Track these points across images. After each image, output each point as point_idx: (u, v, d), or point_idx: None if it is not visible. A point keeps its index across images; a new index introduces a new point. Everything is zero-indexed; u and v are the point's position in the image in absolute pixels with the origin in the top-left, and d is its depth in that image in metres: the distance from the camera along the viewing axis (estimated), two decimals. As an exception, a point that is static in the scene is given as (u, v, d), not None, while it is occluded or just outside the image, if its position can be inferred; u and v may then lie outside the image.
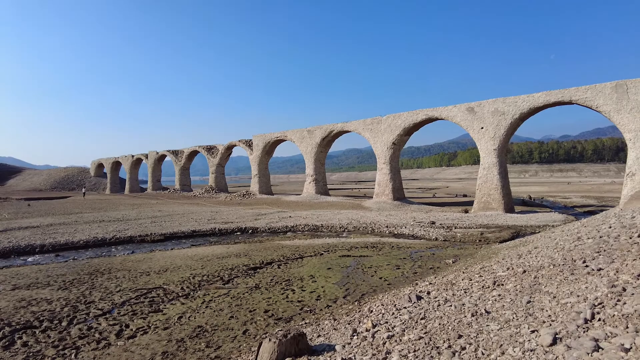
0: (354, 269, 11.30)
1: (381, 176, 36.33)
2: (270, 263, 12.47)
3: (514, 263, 8.34)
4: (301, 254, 13.99)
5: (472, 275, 7.52)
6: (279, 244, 16.42)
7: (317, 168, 42.20)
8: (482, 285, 6.40)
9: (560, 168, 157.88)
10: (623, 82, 24.72)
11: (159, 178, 65.77)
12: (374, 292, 8.66)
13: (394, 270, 11.11)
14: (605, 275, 5.28)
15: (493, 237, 19.17)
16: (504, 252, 11.39)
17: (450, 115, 31.37)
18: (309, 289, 9.19)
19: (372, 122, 36.86)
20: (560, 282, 5.48)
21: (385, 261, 12.46)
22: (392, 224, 22.97)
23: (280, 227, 22.35)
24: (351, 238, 18.53)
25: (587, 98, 25.93)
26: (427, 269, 11.15)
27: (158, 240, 19.61)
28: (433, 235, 19.83)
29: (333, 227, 22.44)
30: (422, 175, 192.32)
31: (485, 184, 29.46)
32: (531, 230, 21.35)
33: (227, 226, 22.61)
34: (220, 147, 52.78)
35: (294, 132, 43.56)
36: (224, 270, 11.41)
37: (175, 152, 60.53)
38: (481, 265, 8.98)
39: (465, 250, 14.75)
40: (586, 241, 10.30)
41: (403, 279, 9.97)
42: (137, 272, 11.37)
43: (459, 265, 10.95)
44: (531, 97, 27.72)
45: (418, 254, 13.91)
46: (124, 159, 69.81)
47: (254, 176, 46.97)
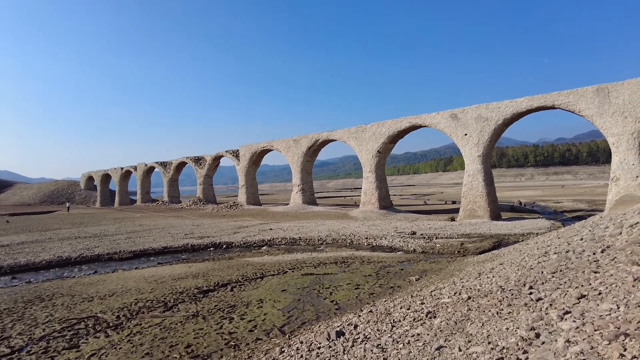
0: (310, 290, 10.64)
1: (367, 185, 35.74)
2: (226, 285, 11.81)
3: (466, 286, 7.71)
4: (264, 272, 13.33)
5: (414, 302, 6.90)
6: (245, 262, 15.75)
7: (304, 177, 41.61)
8: (415, 317, 5.78)
9: (556, 171, 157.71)
10: (604, 86, 24.28)
11: (148, 190, 65.07)
12: (317, 320, 8.01)
13: (352, 290, 10.46)
14: (538, 309, 4.66)
15: (473, 248, 18.55)
16: (469, 268, 10.77)
17: (433, 123, 30.88)
18: (249, 317, 8.53)
19: (356, 131, 36.36)
20: (490, 317, 4.86)
21: (348, 279, 11.81)
22: (372, 235, 22.33)
23: (256, 241, 21.67)
24: (325, 252, 17.88)
25: (569, 102, 25.47)
26: (387, 288, 10.51)
27: (126, 258, 18.92)
28: (411, 247, 19.22)
29: (311, 240, 21.78)
30: (418, 181, 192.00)
31: (470, 191, 28.87)
32: (514, 239, 20.75)
33: (201, 241, 21.93)
34: (208, 158, 52.18)
35: (280, 142, 43.03)
36: (172, 295, 10.75)
37: (164, 164, 59.89)
38: (434, 287, 8.35)
39: (437, 264, 14.11)
40: (551, 257, 9.70)
41: (356, 301, 9.32)
42: (81, 298, 10.70)
43: (420, 283, 10.32)
44: (514, 103, 27.26)
45: (386, 270, 13.26)
46: (114, 172, 69.15)
47: (241, 187, 46.33)
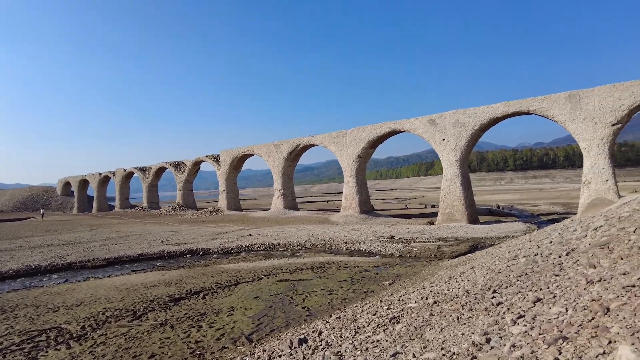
0: (283, 297, 10.55)
1: (348, 189, 35.82)
2: (199, 292, 11.62)
3: (434, 290, 7.75)
4: (238, 279, 13.17)
5: (382, 307, 6.90)
6: (221, 268, 15.55)
7: (285, 182, 41.47)
8: (379, 323, 5.77)
9: (534, 175, 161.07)
10: (575, 93, 24.95)
11: (127, 196, 63.84)
12: (286, 327, 7.94)
13: (325, 296, 10.41)
14: (496, 314, 4.70)
15: (449, 251, 18.73)
16: (441, 272, 10.85)
17: (412, 128, 31.20)
18: (218, 325, 8.39)
19: (337, 136, 36.46)
20: (449, 322, 4.88)
21: (323, 285, 11.77)
22: (351, 240, 22.35)
23: (234, 248, 21.43)
24: (302, 258, 17.79)
25: (543, 108, 26.07)
26: (360, 293, 10.50)
27: (100, 266, 18.46)
28: (389, 251, 19.29)
29: (290, 246, 21.67)
30: (400, 185, 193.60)
31: (448, 196, 29.22)
32: (490, 242, 21.03)
33: (178, 248, 21.58)
34: (188, 163, 51.55)
35: (261, 147, 42.82)
36: (142, 303, 10.51)
37: (143, 169, 58.90)
38: (404, 292, 8.38)
39: (412, 268, 14.19)
40: (520, 260, 9.84)
41: (328, 307, 9.28)
42: (46, 308, 10.36)
43: (393, 288, 10.34)
44: (490, 108, 27.76)
45: (361, 275, 13.27)
46: (92, 177, 67.67)
47: (222, 192, 45.86)
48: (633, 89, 22.93)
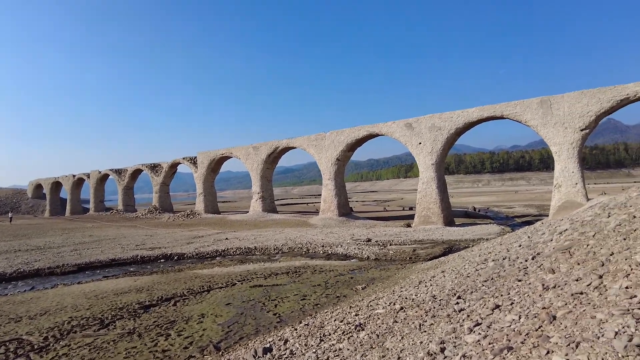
0: (255, 303, 10.48)
1: (326, 192, 35.89)
2: (170, 299, 11.43)
3: (403, 295, 7.83)
4: (211, 285, 13.01)
5: (349, 314, 6.92)
6: (194, 274, 15.33)
7: (264, 185, 41.25)
8: (345, 330, 5.79)
9: (511, 177, 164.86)
10: (547, 98, 25.66)
11: (102, 199, 62.34)
12: (255, 334, 7.88)
13: (297, 302, 10.39)
14: (456, 321, 4.78)
15: (424, 254, 18.97)
16: (413, 276, 10.98)
17: (389, 131, 31.51)
18: (186, 333, 8.27)
19: (316, 139, 36.51)
20: (411, 330, 4.93)
21: (296, 290, 11.74)
22: (328, 243, 22.38)
23: (209, 252, 21.17)
24: (278, 262, 17.71)
25: (516, 113, 26.71)
26: (333, 298, 10.52)
27: (70, 272, 17.95)
28: (366, 254, 19.41)
29: (267, 250, 21.54)
30: (381, 187, 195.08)
31: (424, 198, 29.60)
32: (464, 244, 21.36)
33: (152, 253, 21.19)
34: (165, 165, 50.71)
35: (239, 149, 42.48)
36: (110, 311, 10.26)
37: (118, 171, 57.63)
38: (374, 297, 8.43)
39: (386, 272, 14.30)
40: (488, 264, 10.03)
41: (299, 313, 9.25)
42: (7, 319, 9.99)
43: (365, 292, 10.40)
44: (465, 113, 28.28)
45: (336, 279, 13.29)
46: (65, 179, 65.80)
47: (199, 195, 45.27)
48: (599, 95, 23.75)
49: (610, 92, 23.57)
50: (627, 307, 2.91)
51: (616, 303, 3.11)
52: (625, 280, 3.63)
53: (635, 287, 3.38)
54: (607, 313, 2.93)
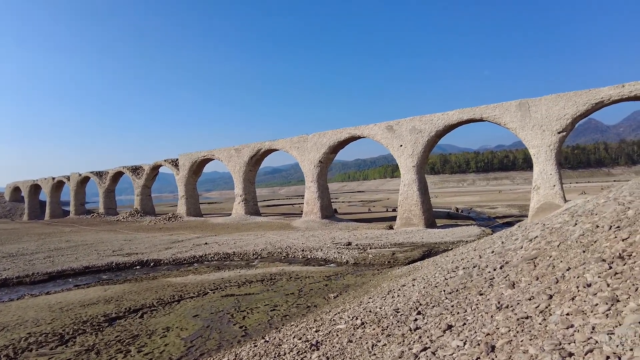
0: (224, 315, 10.25)
1: (309, 194, 35.73)
2: (138, 310, 11.13)
3: (368, 307, 7.71)
4: (182, 295, 12.73)
5: (310, 329, 6.77)
6: (167, 282, 15.02)
7: (247, 187, 40.88)
8: (300, 349, 5.63)
9: (495, 176, 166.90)
10: (525, 101, 25.90)
11: (82, 202, 61.13)
12: (217, 350, 7.68)
13: (267, 313, 10.20)
14: (407, 343, 4.65)
15: (403, 258, 18.95)
16: (384, 284, 10.87)
17: (371, 134, 31.50)
18: (147, 349, 8.02)
19: (298, 141, 36.32)
20: (362, 352, 4.80)
21: (268, 300, 11.55)
22: (308, 247, 22.21)
23: (186, 258, 20.81)
24: (255, 269, 17.47)
25: (495, 115, 26.92)
26: (303, 308, 10.36)
27: (39, 282, 17.41)
28: (345, 258, 19.32)
29: (246, 255, 21.27)
30: (368, 187, 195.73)
31: (406, 200, 29.66)
32: (444, 247, 21.41)
33: (128, 259, 20.75)
34: (146, 168, 49.92)
35: (221, 151, 42.05)
36: (73, 325, 9.93)
37: (99, 174, 56.58)
38: (341, 309, 8.29)
39: (362, 278, 14.20)
40: (458, 273, 9.96)
41: (266, 326, 9.07)
42: (-38, 335, 9.58)
43: (336, 302, 10.26)
44: (445, 115, 28.40)
45: (310, 287, 13.14)
46: (44, 182, 64.36)
47: (181, 197, 44.67)
48: (575, 98, 24.06)
49: (586, 95, 23.90)
50: (559, 341, 2.81)
51: (552, 334, 3.01)
52: (569, 305, 3.55)
53: (575, 314, 3.29)
54: (539, 347, 2.83)
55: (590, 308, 3.29)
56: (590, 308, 3.28)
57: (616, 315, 2.91)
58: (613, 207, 8.81)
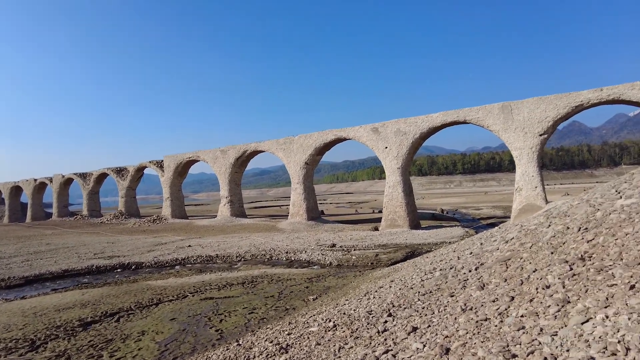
0: (201, 318, 10.16)
1: (295, 196, 35.66)
2: (115, 314, 10.97)
3: (342, 310, 7.71)
4: (162, 298, 12.59)
5: (282, 332, 6.75)
6: (147, 285, 14.83)
7: (232, 189, 40.64)
8: (269, 353, 5.61)
9: (482, 178, 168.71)
10: (508, 104, 26.25)
11: (65, 203, 60.10)
12: (191, 354, 7.61)
13: (245, 316, 10.13)
14: (372, 345, 4.65)
15: (386, 259, 19.04)
16: (363, 286, 10.89)
17: (357, 136, 31.59)
18: (120, 354, 7.91)
19: (284, 142, 36.25)
20: (328, 355, 4.79)
21: (247, 303, 11.48)
22: (292, 249, 22.17)
23: (169, 261, 20.60)
24: (237, 272, 17.35)
25: (479, 118, 27.21)
26: (282, 311, 10.32)
27: (15, 286, 17.05)
28: (328, 260, 19.33)
29: (229, 257, 21.12)
30: (356, 188, 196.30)
31: (391, 202, 29.80)
32: (427, 248, 21.56)
33: (109, 262, 20.46)
34: (131, 169, 49.31)
35: (206, 152, 41.74)
36: (46, 330, 9.73)
37: (83, 175, 55.71)
38: (316, 311, 8.28)
39: (343, 280, 14.21)
40: (435, 274, 10.02)
41: (242, 329, 9.01)
42: None
43: (314, 304, 10.24)
44: (430, 118, 28.62)
45: (291, 289, 13.10)
46: (25, 184, 63.13)
47: (166, 199, 44.21)
48: (556, 102, 24.46)
49: (566, 98, 24.32)
50: (507, 343, 2.84)
51: (503, 336, 3.05)
52: (526, 306, 3.59)
53: (528, 316, 3.33)
54: (487, 350, 2.85)
55: (543, 310, 3.33)
56: (543, 310, 3.33)
57: (564, 316, 2.96)
58: (584, 208, 8.96)
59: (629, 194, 8.02)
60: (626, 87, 22.37)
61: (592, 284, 3.36)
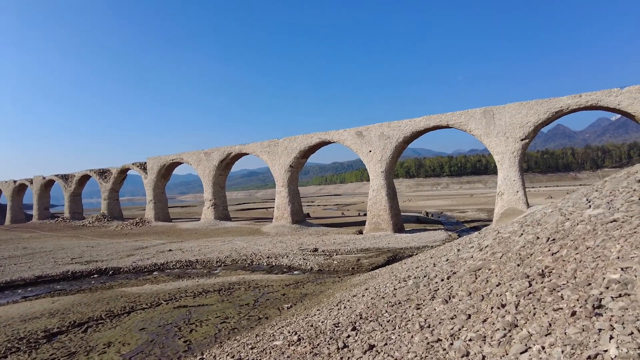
0: (171, 328, 9.93)
1: (280, 199, 35.45)
2: (83, 324, 10.66)
3: (311, 321, 7.57)
4: (134, 306, 12.30)
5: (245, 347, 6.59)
6: (122, 292, 14.50)
7: (217, 192, 40.25)
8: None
9: (469, 180, 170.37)
10: (490, 109, 26.46)
11: (46, 206, 58.90)
12: (154, 368, 7.40)
13: (216, 326, 9.93)
14: (329, 363, 4.52)
15: (367, 264, 18.96)
16: (338, 294, 10.77)
17: (341, 139, 31.54)
18: (80, 369, 7.65)
19: (269, 145, 36.03)
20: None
21: (220, 312, 11.27)
22: (274, 254, 21.97)
23: (147, 266, 20.23)
24: (215, 278, 17.09)
25: (461, 122, 27.37)
26: (254, 320, 10.14)
27: (-16, 294, 16.54)
28: (310, 265, 19.19)
29: (209, 263, 20.83)
30: (344, 190, 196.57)
31: (375, 205, 29.79)
32: (409, 252, 21.55)
33: (85, 267, 20.00)
34: (114, 171, 48.54)
35: (190, 154, 41.28)
36: (7, 342, 9.39)
37: (65, 177, 54.67)
38: (286, 322, 8.13)
39: (321, 286, 14.08)
40: (408, 283, 9.94)
41: (211, 339, 8.82)
42: None
43: (289, 312, 10.09)
44: (413, 122, 28.71)
45: (267, 297, 12.93)
46: (5, 185, 61.72)
47: (149, 202, 43.58)
48: (537, 107, 24.73)
49: (547, 104, 24.60)
50: (447, 373, 2.76)
51: (446, 364, 2.96)
52: (477, 328, 3.50)
53: (476, 340, 3.25)
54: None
55: (491, 334, 3.25)
56: (491, 334, 3.25)
57: (507, 343, 2.87)
58: (556, 217, 8.98)
59: (598, 204, 8.05)
60: (604, 94, 22.72)
61: (541, 307, 3.29)
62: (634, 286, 2.69)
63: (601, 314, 2.55)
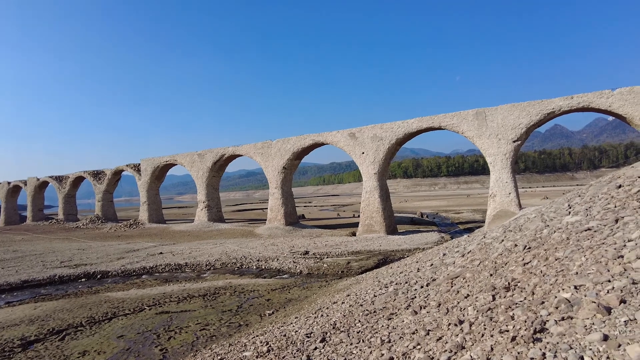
0: (150, 335, 9.81)
1: (273, 201, 35.32)
2: (62, 331, 10.53)
3: (286, 330, 7.46)
4: (117, 312, 12.17)
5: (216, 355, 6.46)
6: (106, 297, 14.37)
7: (210, 193, 40.09)
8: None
9: (466, 180, 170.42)
10: (482, 110, 26.37)
11: (41, 207, 58.63)
12: (125, 379, 7.28)
13: (195, 333, 9.81)
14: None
15: (357, 267, 18.86)
16: (319, 300, 10.67)
17: (334, 141, 31.43)
18: (51, 380, 7.53)
19: (262, 146, 35.91)
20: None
21: (202, 317, 11.15)
22: (264, 257, 21.84)
23: (136, 269, 20.08)
24: (202, 282, 16.95)
25: (453, 124, 27.28)
26: (234, 328, 10.02)
27: (-33, 299, 16.35)
28: (299, 268, 19.09)
29: (198, 266, 20.69)
30: (342, 190, 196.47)
31: (367, 207, 29.69)
32: (400, 254, 21.45)
33: (74, 271, 19.85)
34: (108, 172, 48.34)
35: (184, 156, 41.11)
36: (-18, 351, 9.27)
37: (59, 178, 54.43)
38: (261, 331, 8.02)
39: (307, 291, 13.98)
40: (389, 290, 9.84)
41: (188, 347, 8.70)
42: None
43: (269, 319, 9.97)
44: (405, 123, 28.61)
45: (251, 302, 12.82)
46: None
47: (143, 203, 43.39)
48: (529, 109, 24.65)
49: (539, 105, 24.52)
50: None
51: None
52: (429, 347, 3.40)
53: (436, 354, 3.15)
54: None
55: (438, 355, 3.15)
56: (438, 355, 3.15)
57: (448, 368, 2.78)
58: (537, 223, 8.89)
59: (577, 210, 7.96)
60: (595, 95, 22.66)
61: (491, 327, 3.19)
62: (579, 308, 2.59)
63: (540, 339, 2.44)
